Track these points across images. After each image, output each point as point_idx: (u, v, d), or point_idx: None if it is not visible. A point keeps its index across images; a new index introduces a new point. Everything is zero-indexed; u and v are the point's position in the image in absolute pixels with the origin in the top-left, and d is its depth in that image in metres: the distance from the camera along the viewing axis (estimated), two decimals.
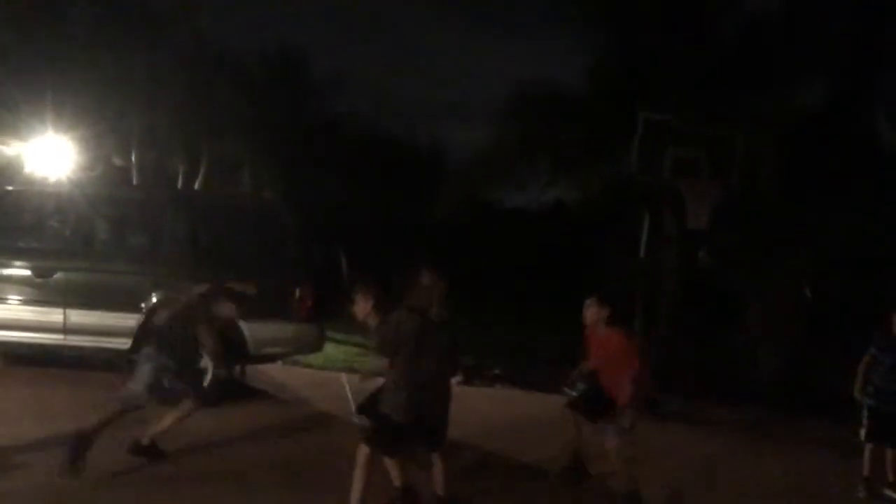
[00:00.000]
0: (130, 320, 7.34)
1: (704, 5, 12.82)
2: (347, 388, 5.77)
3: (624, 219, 12.19)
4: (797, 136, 11.04)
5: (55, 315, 7.48)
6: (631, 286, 10.05)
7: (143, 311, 7.34)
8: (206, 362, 6.83)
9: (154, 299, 7.40)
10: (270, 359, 8.36)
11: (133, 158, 15.55)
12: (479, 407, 8.71)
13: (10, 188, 8.59)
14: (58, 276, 7.58)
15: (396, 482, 5.01)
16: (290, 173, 15.34)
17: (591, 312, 5.96)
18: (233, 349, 7.02)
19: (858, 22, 11.79)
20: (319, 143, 17.07)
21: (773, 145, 10.48)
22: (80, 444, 5.08)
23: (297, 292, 7.63)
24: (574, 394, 7.56)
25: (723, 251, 12.36)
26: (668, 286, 12.00)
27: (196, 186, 15.54)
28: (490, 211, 17.20)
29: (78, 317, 7.49)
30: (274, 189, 14.84)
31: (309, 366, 10.12)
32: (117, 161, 15.41)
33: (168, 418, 5.51)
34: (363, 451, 4.69)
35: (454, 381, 10.33)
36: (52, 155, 12.15)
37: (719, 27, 12.95)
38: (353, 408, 5.33)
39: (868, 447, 6.42)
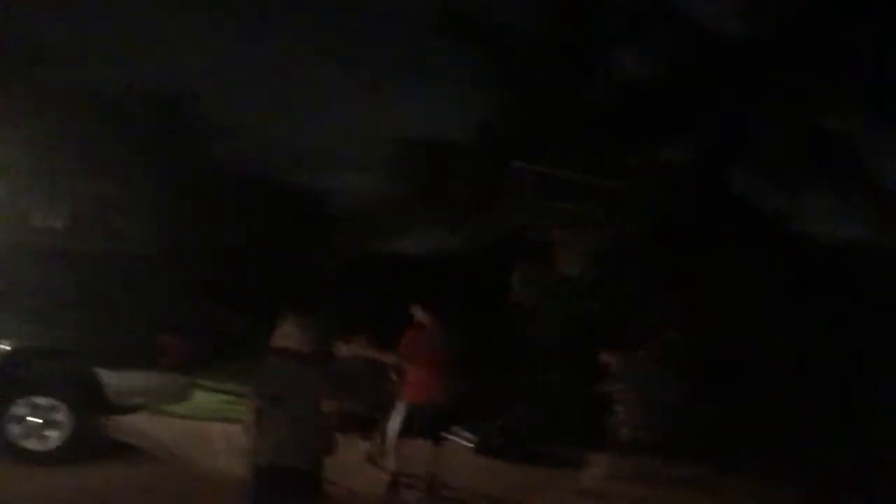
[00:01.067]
0: None
1: (585, 63, 13.53)
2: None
3: (507, 268, 12.45)
4: (669, 190, 11.64)
5: None
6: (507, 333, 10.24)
7: None
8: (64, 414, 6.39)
9: None
10: (133, 409, 7.93)
11: None
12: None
13: None
14: None
15: None
16: (166, 218, 14.77)
17: None
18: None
19: (728, 85, 12.68)
20: (200, 188, 16.59)
21: (645, 198, 11.00)
22: None
23: (163, 341, 7.32)
24: None
25: (599, 299, 12.78)
26: (547, 335, 12.30)
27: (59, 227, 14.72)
28: (379, 258, 17.19)
29: None
30: (145, 234, 14.28)
31: (184, 416, 9.67)
32: None
33: None
34: None
35: None
36: None
37: (599, 83, 13.67)
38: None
39: None
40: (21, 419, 6.92)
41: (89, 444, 6.96)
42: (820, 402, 12.51)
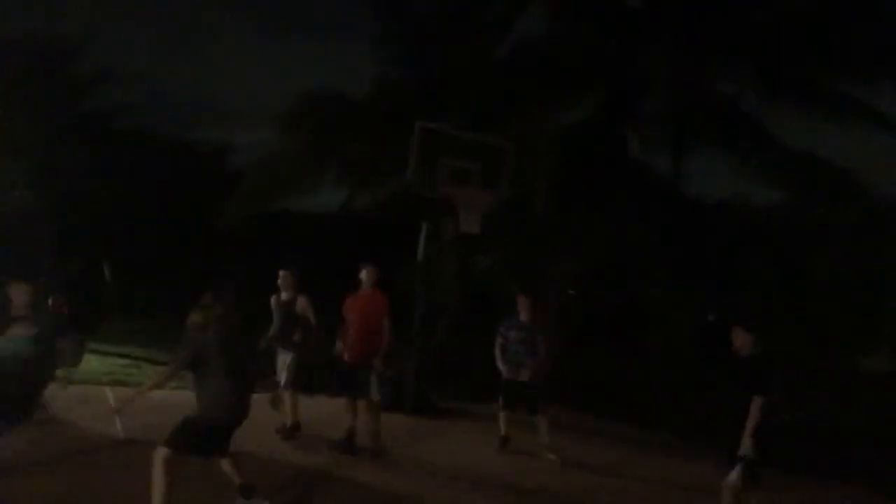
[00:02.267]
0: None
1: (483, 24, 13.62)
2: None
3: (407, 225, 12.56)
4: (562, 150, 11.95)
5: None
6: (413, 292, 10.35)
7: None
8: None
9: None
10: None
11: None
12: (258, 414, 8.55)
13: None
14: None
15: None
16: (49, 174, 14.00)
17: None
18: None
19: (619, 47, 13.06)
20: (85, 142, 15.74)
21: (540, 157, 11.27)
22: None
23: (49, 302, 7.02)
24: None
25: (496, 257, 13.13)
26: (447, 291, 12.55)
27: None
28: (279, 217, 16.93)
29: None
30: (28, 191, 13.49)
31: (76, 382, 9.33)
32: None
33: None
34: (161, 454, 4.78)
35: None
36: None
37: (496, 44, 13.82)
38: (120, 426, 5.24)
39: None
40: None
41: None
42: (687, 354, 13.48)
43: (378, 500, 6.14)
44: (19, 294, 5.55)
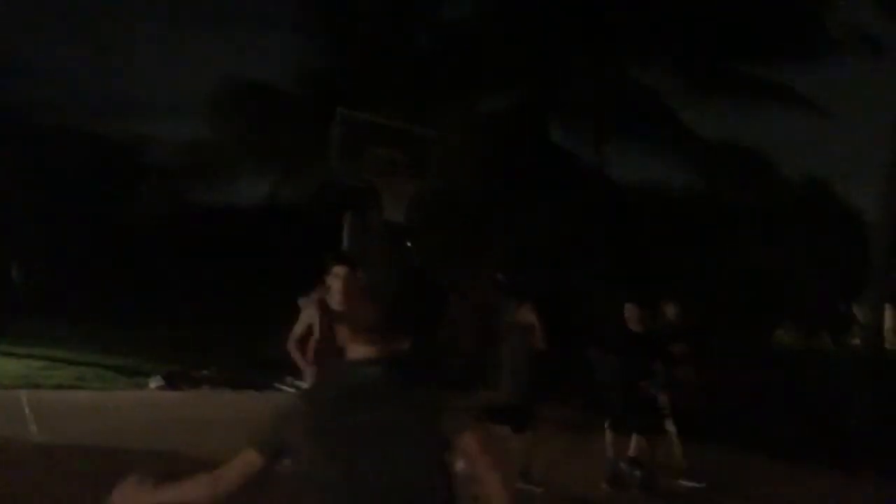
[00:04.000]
0: None
1: (408, 12, 13.58)
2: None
3: (331, 215, 12.47)
4: (487, 139, 12.04)
5: None
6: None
7: None
8: None
9: None
10: None
11: None
12: (183, 412, 8.41)
13: None
14: None
15: None
16: None
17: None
18: None
19: (542, 37, 13.24)
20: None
21: (466, 146, 11.34)
22: None
23: None
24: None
25: (424, 246, 13.14)
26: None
27: None
28: (199, 209, 16.51)
29: None
30: None
31: None
32: None
33: None
34: None
35: (154, 385, 9.93)
36: None
37: (422, 34, 13.81)
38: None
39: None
40: None
41: None
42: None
43: None
44: None
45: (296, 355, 5.12)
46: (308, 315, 5.05)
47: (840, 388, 11.52)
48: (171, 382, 10.11)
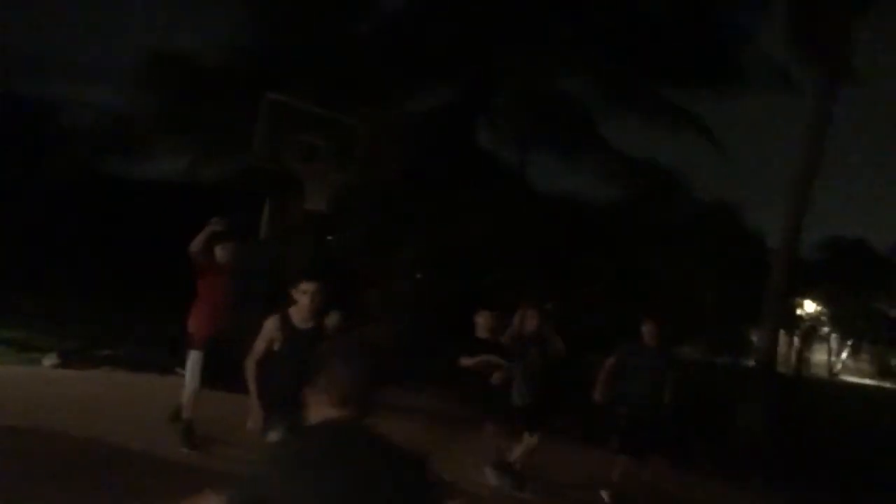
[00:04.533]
0: None
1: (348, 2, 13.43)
2: None
3: (253, 199, 12.22)
4: (415, 136, 12.04)
5: None
6: (251, 271, 10.05)
7: None
8: None
9: None
10: None
11: None
12: (77, 392, 8.08)
13: None
14: None
15: None
16: None
17: None
18: None
19: (474, 39, 13.36)
20: None
21: (393, 140, 11.31)
22: None
23: None
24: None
25: (347, 237, 13.07)
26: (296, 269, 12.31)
27: None
28: (113, 183, 15.87)
29: None
30: None
31: None
32: None
33: None
34: None
35: (48, 363, 9.45)
36: None
37: (357, 24, 13.69)
38: None
39: None
40: None
41: None
42: None
43: None
44: None
45: (251, 380, 4.60)
46: (269, 331, 4.62)
47: (735, 405, 12.07)
48: (68, 361, 9.66)
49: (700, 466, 8.93)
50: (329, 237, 13.57)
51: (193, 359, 6.48)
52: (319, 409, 2.00)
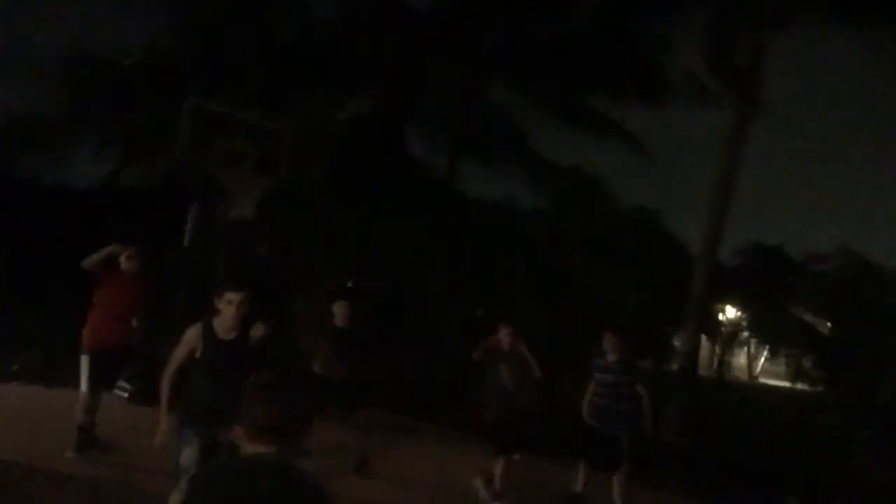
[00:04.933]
0: None
1: (276, 5, 13.23)
2: None
3: (175, 206, 11.89)
4: (342, 142, 11.95)
5: None
6: (176, 276, 9.78)
7: None
8: None
9: None
10: None
11: None
12: None
13: None
14: None
15: None
16: None
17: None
18: None
19: (401, 47, 13.36)
20: None
21: (319, 146, 11.20)
22: None
23: None
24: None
25: (274, 245, 12.85)
26: (220, 277, 12.04)
27: None
28: (21, 187, 15.17)
29: None
30: None
31: None
32: None
33: None
34: None
35: None
36: None
37: (285, 29, 13.51)
38: None
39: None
40: None
41: None
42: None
43: None
44: None
45: (164, 391, 4.45)
46: (190, 340, 4.48)
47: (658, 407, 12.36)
48: None
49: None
50: (254, 245, 13.33)
51: (83, 364, 6.49)
52: (245, 443, 2.10)
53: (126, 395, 9.18)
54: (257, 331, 4.69)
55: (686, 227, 37.21)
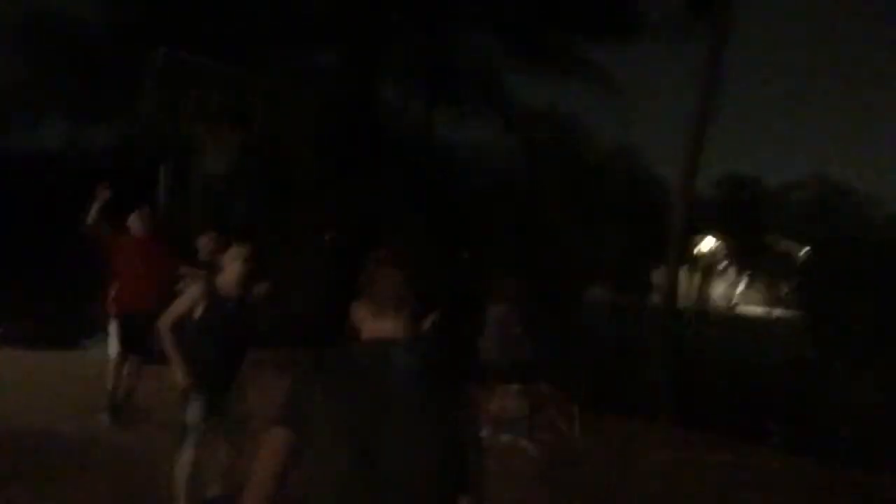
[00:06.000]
0: None
1: None
2: None
3: (147, 164, 11.67)
4: (315, 97, 11.74)
5: None
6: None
7: None
8: None
9: None
10: None
11: None
12: None
13: None
14: None
15: None
16: None
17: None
18: None
19: None
20: None
21: (293, 99, 11.00)
22: None
23: None
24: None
25: (253, 200, 12.73)
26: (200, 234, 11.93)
27: None
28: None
29: None
30: None
31: None
32: None
33: None
34: None
35: None
36: None
37: None
38: None
39: None
40: None
41: None
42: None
43: None
44: None
45: (167, 340, 4.23)
46: (192, 297, 4.23)
47: (641, 342, 12.58)
48: None
49: (615, 405, 9.27)
50: (230, 202, 13.18)
51: (111, 328, 6.46)
52: (366, 325, 1.90)
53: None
54: (260, 288, 4.57)
55: (664, 163, 37.30)
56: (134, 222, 6.47)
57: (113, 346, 6.45)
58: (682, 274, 16.73)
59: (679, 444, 7.69)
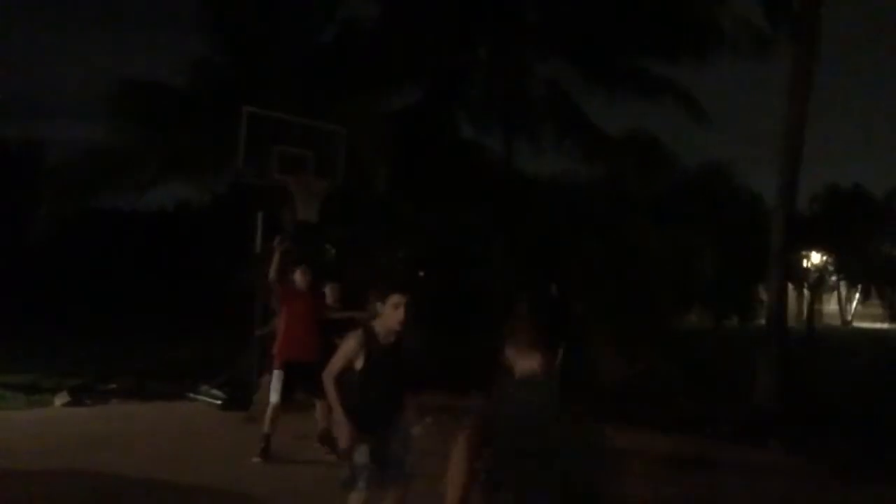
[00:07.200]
0: None
1: (305, 7, 13.31)
2: None
3: (242, 218, 12.15)
4: (395, 135, 11.97)
5: None
6: (251, 283, 10.03)
7: None
8: None
9: None
10: None
11: None
12: (89, 428, 8.08)
13: None
14: None
15: None
16: None
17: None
18: None
19: (446, 32, 13.26)
20: None
21: (374, 141, 11.25)
22: None
23: None
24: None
25: (338, 243, 13.02)
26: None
27: None
28: (101, 216, 15.79)
29: None
30: None
31: None
32: None
33: None
34: None
35: (59, 403, 9.45)
36: None
37: (320, 29, 13.59)
38: None
39: None
40: None
41: None
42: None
43: None
44: None
45: (332, 394, 4.36)
46: (352, 349, 4.34)
47: (745, 366, 11.99)
48: (77, 398, 9.67)
49: (721, 432, 8.92)
50: (327, 246, 13.53)
51: (275, 377, 7.19)
52: (518, 363, 2.40)
53: (219, 402, 9.56)
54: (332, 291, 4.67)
55: (759, 178, 35.98)
56: (298, 278, 7.30)
57: (275, 394, 7.10)
58: (790, 291, 15.94)
59: (792, 473, 7.31)
